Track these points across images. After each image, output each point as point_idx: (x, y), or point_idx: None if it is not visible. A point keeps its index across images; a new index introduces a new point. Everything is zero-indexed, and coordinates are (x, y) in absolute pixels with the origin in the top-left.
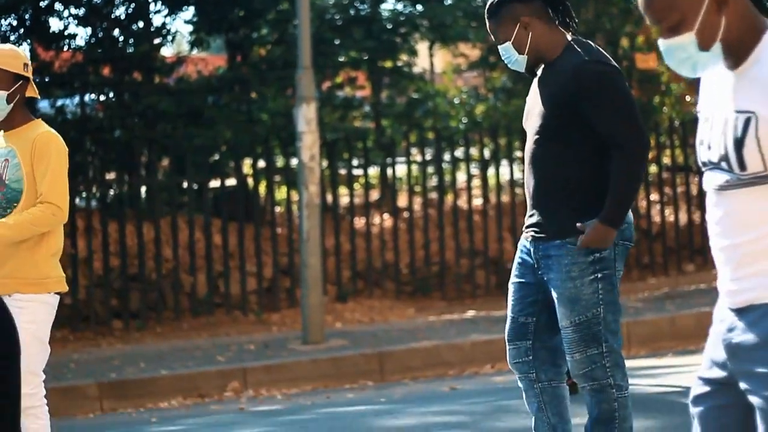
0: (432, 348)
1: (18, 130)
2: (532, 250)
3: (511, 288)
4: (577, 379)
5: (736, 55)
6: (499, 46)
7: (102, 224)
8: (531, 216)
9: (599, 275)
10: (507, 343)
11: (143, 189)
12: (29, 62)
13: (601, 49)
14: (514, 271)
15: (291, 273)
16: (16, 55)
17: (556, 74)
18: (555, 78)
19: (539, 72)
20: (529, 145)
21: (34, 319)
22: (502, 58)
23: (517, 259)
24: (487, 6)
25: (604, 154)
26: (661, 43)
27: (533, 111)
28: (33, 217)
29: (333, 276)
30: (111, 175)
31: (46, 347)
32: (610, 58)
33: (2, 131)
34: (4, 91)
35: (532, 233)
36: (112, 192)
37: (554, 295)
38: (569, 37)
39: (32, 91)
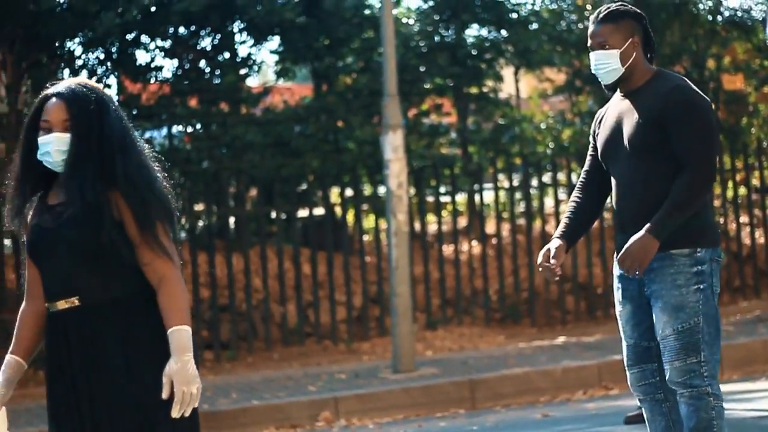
0: (523, 375)
1: None
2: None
3: (622, 315)
4: (675, 387)
5: None
6: (598, 51)
7: (191, 255)
8: (626, 235)
9: (701, 286)
10: (628, 368)
11: (232, 219)
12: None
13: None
14: (619, 298)
15: (380, 302)
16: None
17: (651, 96)
18: (651, 100)
19: (619, 97)
20: (622, 164)
21: None
22: (594, 63)
23: (617, 284)
24: (608, 9)
25: None
26: None
27: (622, 132)
28: None
29: (422, 304)
30: (199, 206)
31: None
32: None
33: None
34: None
35: None
36: (200, 223)
37: (658, 305)
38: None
39: None
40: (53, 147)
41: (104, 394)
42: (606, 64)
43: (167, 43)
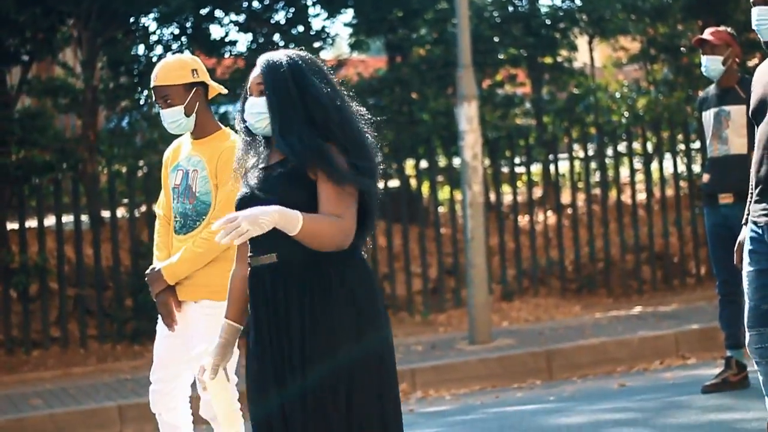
0: (599, 345)
1: (207, 139)
2: (766, 234)
3: (747, 276)
4: None
5: None
6: (760, 6)
7: None
8: (760, 200)
9: None
10: (747, 329)
11: None
12: (199, 66)
13: None
14: (747, 259)
15: (456, 273)
16: (182, 65)
17: None
18: None
19: None
20: (765, 128)
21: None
22: (756, 19)
23: (748, 246)
24: None
25: None
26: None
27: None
28: (205, 244)
29: (498, 275)
30: None
31: (235, 351)
32: None
33: (192, 138)
34: (179, 105)
35: (765, 218)
36: None
37: None
38: None
39: (215, 91)
40: (248, 111)
41: (294, 350)
42: (766, 20)
43: (241, 18)
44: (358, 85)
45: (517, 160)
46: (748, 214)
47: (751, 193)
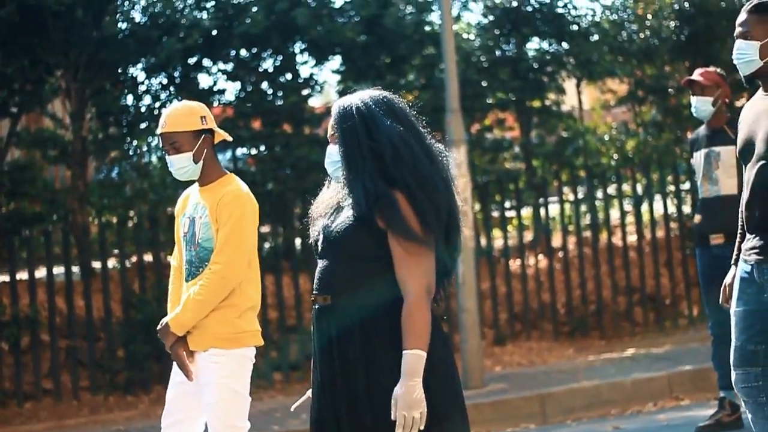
0: (593, 388)
1: (213, 185)
2: (756, 273)
3: (735, 315)
4: None
5: None
6: (740, 41)
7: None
8: (752, 240)
9: None
10: (733, 369)
11: (298, 240)
12: (207, 113)
13: None
14: (735, 298)
15: (448, 317)
16: (191, 112)
17: None
18: None
19: (761, 94)
20: (754, 166)
21: (231, 373)
22: (735, 52)
23: (737, 285)
24: (757, 2)
25: None
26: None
27: (758, 134)
28: (203, 290)
29: (490, 319)
30: (265, 228)
31: (246, 398)
32: None
33: (199, 185)
34: (188, 152)
35: (756, 256)
36: (267, 245)
37: None
38: None
39: (220, 137)
40: (327, 159)
41: (345, 395)
42: (745, 54)
43: (229, 66)
44: None
45: (507, 204)
46: (738, 253)
47: (741, 233)
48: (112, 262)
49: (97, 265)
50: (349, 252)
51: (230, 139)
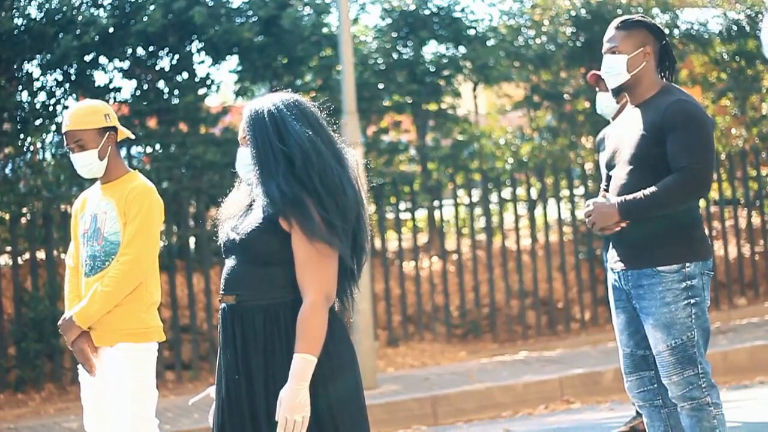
0: (485, 390)
1: (115, 182)
2: (622, 280)
3: (618, 323)
4: (676, 401)
5: None
6: (608, 55)
7: None
8: (617, 247)
9: (692, 301)
10: (625, 376)
11: (192, 240)
12: (110, 111)
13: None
14: (614, 306)
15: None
16: (95, 110)
17: (654, 110)
18: (653, 114)
19: (630, 107)
20: (620, 175)
21: (141, 366)
22: (603, 67)
23: (612, 293)
24: (623, 18)
25: None
26: None
27: (624, 144)
28: (112, 281)
29: (383, 321)
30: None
31: (154, 392)
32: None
33: (101, 183)
34: (93, 149)
35: (621, 264)
36: (161, 244)
37: (649, 321)
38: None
39: (123, 135)
40: (237, 161)
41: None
42: (612, 68)
43: (126, 64)
44: None
45: (402, 207)
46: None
47: (605, 243)
48: (4, 259)
49: None
50: (255, 253)
51: (133, 137)
